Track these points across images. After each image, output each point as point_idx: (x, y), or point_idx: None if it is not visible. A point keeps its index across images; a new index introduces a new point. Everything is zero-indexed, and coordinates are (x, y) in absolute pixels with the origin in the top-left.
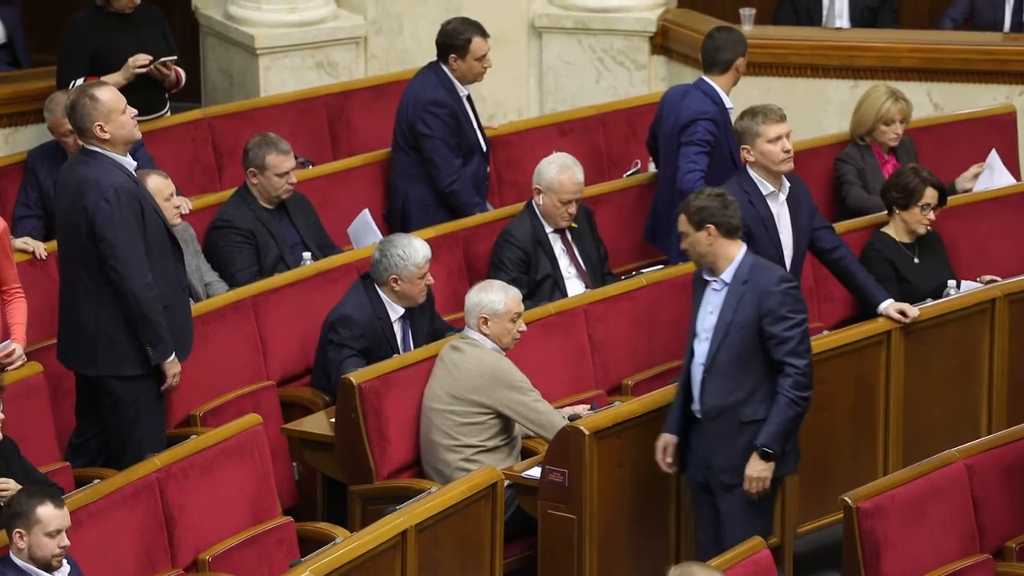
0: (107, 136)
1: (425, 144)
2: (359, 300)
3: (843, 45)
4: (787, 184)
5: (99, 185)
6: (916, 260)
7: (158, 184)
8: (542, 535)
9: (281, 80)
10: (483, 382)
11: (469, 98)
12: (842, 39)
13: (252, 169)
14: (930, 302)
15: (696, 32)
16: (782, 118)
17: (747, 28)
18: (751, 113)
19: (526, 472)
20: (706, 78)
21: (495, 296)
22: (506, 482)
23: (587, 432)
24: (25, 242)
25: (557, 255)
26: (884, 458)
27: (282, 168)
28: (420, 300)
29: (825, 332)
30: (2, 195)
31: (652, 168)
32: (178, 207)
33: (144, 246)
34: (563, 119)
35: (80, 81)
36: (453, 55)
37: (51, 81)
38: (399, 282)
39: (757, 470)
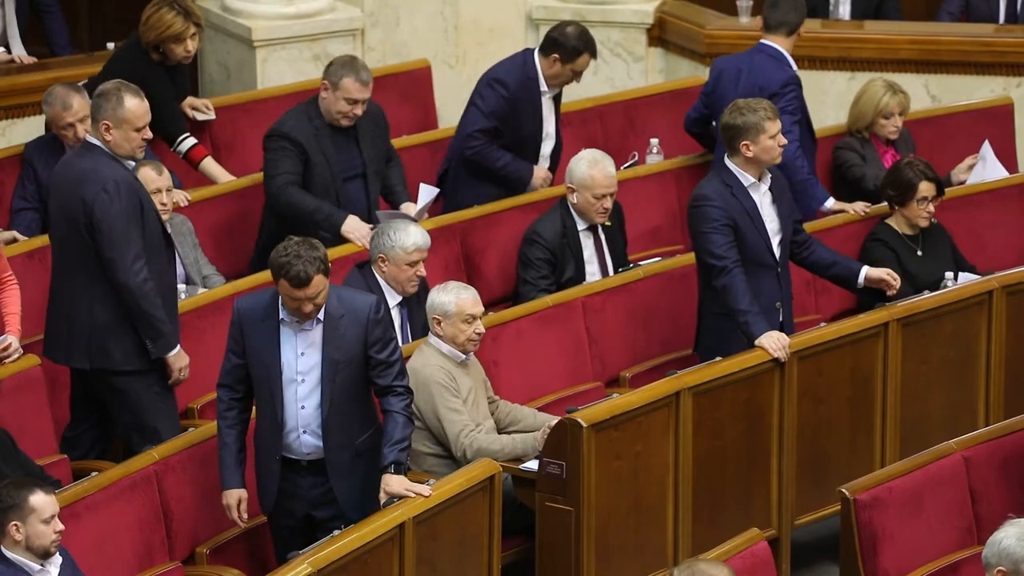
0: (110, 139)
1: (467, 111)
2: (358, 288)
3: (840, 37)
4: (769, 174)
5: (99, 177)
6: (919, 252)
7: (147, 176)
8: (540, 527)
9: (279, 72)
10: (413, 387)
11: (557, 97)
12: (840, 31)
13: (326, 82)
14: (927, 294)
15: (693, 24)
16: (778, 114)
17: (744, 20)
18: (750, 109)
19: (524, 465)
20: (770, 42)
21: (447, 297)
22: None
23: (585, 424)
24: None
25: (585, 257)
26: (882, 450)
27: (353, 95)
28: (409, 290)
29: (822, 324)
30: None
31: (651, 160)
32: (164, 204)
33: (141, 241)
34: (561, 111)
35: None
36: (556, 55)
37: (48, 74)
38: (386, 263)
39: (404, 485)
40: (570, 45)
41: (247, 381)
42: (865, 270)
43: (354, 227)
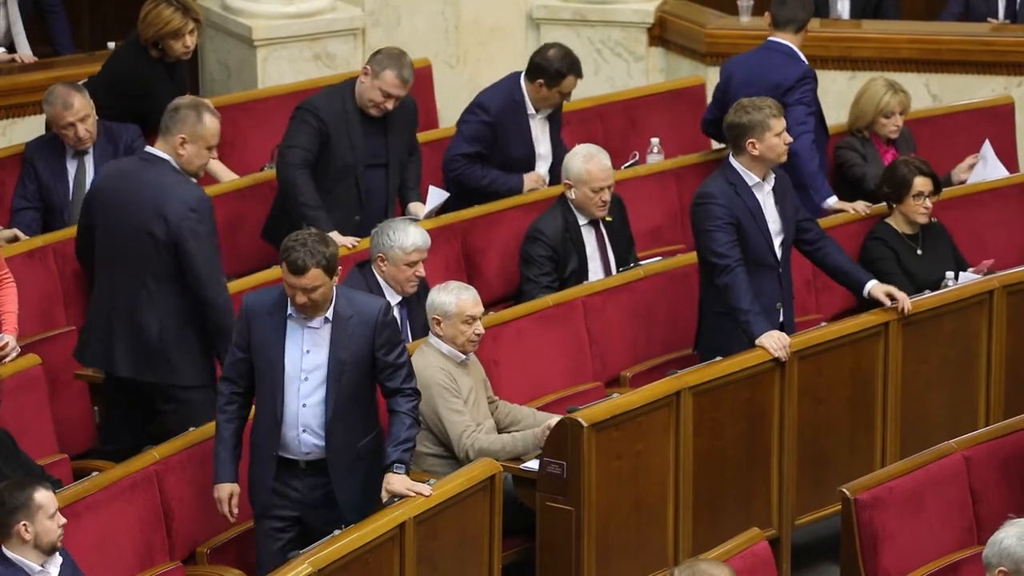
0: (183, 153)
1: (453, 135)
2: (357, 287)
3: (841, 36)
4: (772, 174)
5: (182, 195)
6: (919, 251)
7: None
8: (540, 527)
9: (279, 72)
10: None
11: (554, 116)
12: (840, 30)
13: (368, 68)
14: (928, 294)
15: (694, 23)
16: (783, 111)
17: (745, 19)
18: (755, 107)
19: (525, 464)
20: (780, 39)
21: (447, 297)
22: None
23: (585, 424)
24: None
25: (588, 253)
26: (882, 450)
27: (389, 89)
28: (408, 290)
29: (823, 324)
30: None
31: (652, 159)
32: None
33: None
34: (561, 124)
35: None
36: (541, 80)
37: (48, 73)
38: (385, 263)
39: (405, 484)
40: (553, 69)
41: (249, 377)
42: (869, 286)
43: (335, 239)
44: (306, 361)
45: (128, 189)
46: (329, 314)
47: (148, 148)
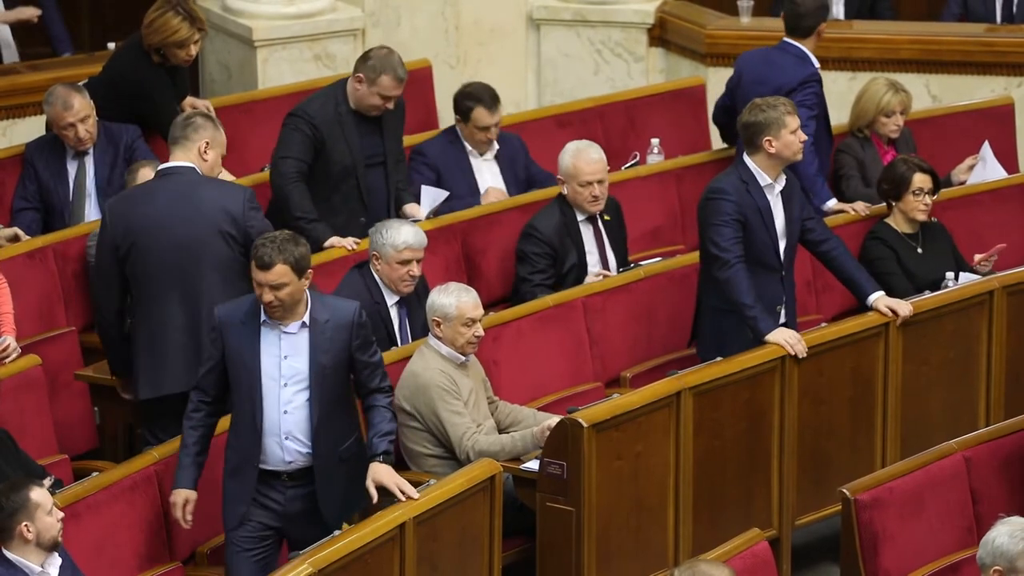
0: (207, 158)
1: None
2: (355, 287)
3: (841, 37)
4: (784, 176)
5: (236, 190)
6: (919, 250)
7: (147, 176)
8: (540, 528)
9: (279, 72)
10: (410, 390)
11: (509, 158)
12: (840, 31)
13: (361, 76)
14: (928, 294)
15: (694, 24)
16: (797, 110)
17: (745, 20)
18: (769, 106)
19: (525, 465)
20: (793, 41)
21: (447, 299)
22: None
23: (586, 425)
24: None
25: (587, 250)
26: (882, 450)
27: (389, 92)
28: (402, 289)
29: (823, 324)
30: (0, 187)
31: (652, 160)
32: None
33: None
34: (561, 111)
35: None
36: (458, 117)
37: (48, 74)
38: (379, 262)
39: (393, 478)
40: (464, 105)
41: (219, 386)
42: (872, 299)
43: (335, 241)
44: (284, 367)
45: (176, 203)
46: (306, 319)
47: (163, 165)
